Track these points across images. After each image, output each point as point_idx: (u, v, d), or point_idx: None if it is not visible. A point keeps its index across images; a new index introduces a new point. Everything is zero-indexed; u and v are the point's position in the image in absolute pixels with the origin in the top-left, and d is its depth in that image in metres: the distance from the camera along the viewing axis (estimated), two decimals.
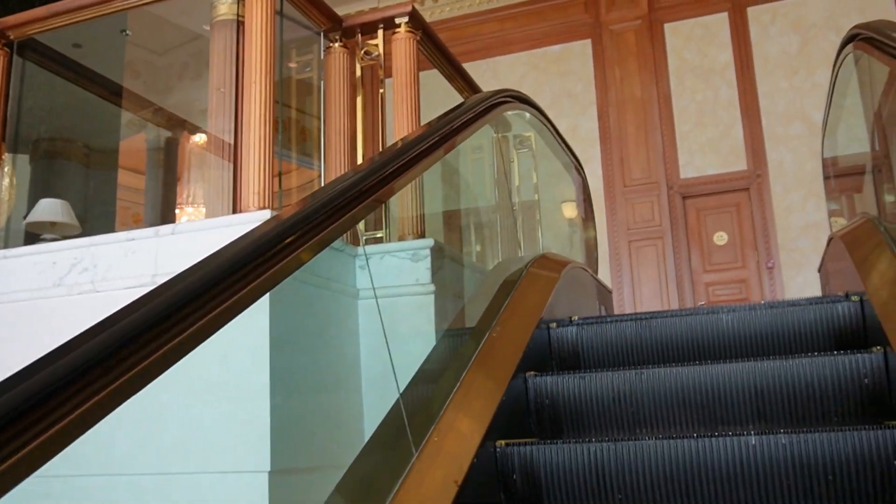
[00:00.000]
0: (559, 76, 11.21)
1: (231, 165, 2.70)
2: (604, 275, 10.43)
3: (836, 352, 2.30)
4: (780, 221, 9.94)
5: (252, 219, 2.36)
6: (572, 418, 2.52)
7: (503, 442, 2.26)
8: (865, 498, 1.98)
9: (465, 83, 3.81)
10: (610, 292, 4.41)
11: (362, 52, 3.19)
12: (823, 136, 4.28)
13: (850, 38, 3.00)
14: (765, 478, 2.06)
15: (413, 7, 3.11)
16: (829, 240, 3.37)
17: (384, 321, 2.83)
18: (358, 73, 3.22)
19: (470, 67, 11.65)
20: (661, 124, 10.55)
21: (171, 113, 7.01)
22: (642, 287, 10.29)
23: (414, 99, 3.09)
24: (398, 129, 3.08)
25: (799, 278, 9.76)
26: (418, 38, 3.21)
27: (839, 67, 3.51)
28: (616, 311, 10.25)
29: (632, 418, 2.47)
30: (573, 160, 4.41)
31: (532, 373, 2.55)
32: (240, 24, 2.72)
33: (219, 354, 2.25)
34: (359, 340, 2.83)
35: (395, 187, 2.38)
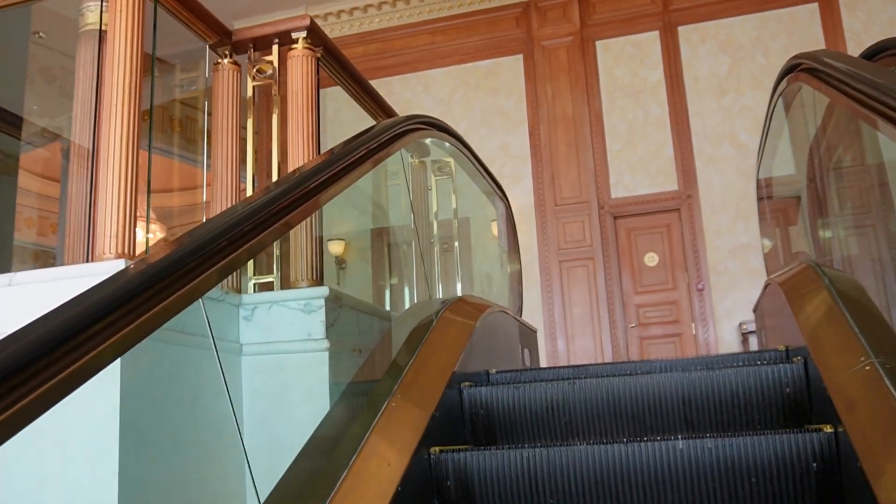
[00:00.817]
0: (490, 92, 10.97)
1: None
2: (534, 295, 10.20)
3: (783, 430, 2.04)
4: (710, 243, 9.87)
5: (101, 270, 1.98)
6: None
7: None
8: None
9: (375, 105, 3.47)
10: (534, 331, 4.12)
11: (255, 69, 2.82)
12: (760, 158, 4.08)
13: (791, 68, 2.78)
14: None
15: (311, 21, 2.77)
16: (767, 285, 3.14)
17: (271, 381, 2.46)
18: (249, 92, 2.86)
19: (400, 81, 11.39)
20: (592, 142, 10.40)
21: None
22: (573, 308, 10.09)
23: (312, 124, 2.74)
24: (293, 157, 2.73)
25: (728, 300, 9.69)
26: (318, 55, 2.87)
27: (778, 96, 3.28)
28: (546, 335, 10.03)
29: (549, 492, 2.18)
30: (496, 188, 4.10)
31: (437, 449, 2.22)
32: (103, 36, 2.32)
33: (56, 442, 1.86)
34: (242, 403, 2.45)
35: (282, 229, 2.03)
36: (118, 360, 1.64)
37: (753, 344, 9.37)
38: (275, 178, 2.74)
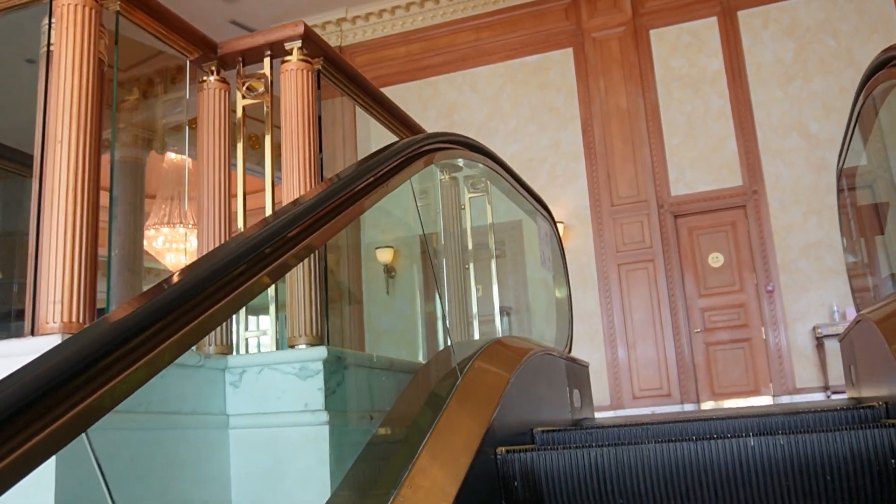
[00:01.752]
0: (539, 88, 10.48)
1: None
2: (591, 300, 9.70)
3: None
4: (779, 241, 9.22)
5: (31, 348, 1.62)
6: None
7: None
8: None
9: (393, 119, 3.06)
10: (586, 367, 3.66)
11: (244, 86, 2.45)
12: (842, 162, 3.54)
13: (883, 64, 2.29)
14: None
15: (306, 28, 2.37)
16: (858, 321, 2.65)
17: (264, 460, 2.08)
18: (239, 113, 2.48)
19: (445, 80, 10.98)
20: (649, 138, 9.83)
21: None
22: (633, 313, 9.55)
23: (310, 147, 2.34)
24: (288, 187, 2.34)
25: (801, 302, 9.04)
26: (319, 66, 2.48)
27: (866, 95, 2.77)
28: (606, 342, 9.52)
29: None
30: (538, 206, 3.65)
31: None
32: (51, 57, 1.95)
33: None
34: (229, 486, 2.07)
35: (259, 285, 1.64)
36: (51, 459, 1.28)
37: (829, 350, 8.71)
38: (269, 212, 2.35)
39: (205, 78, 2.48)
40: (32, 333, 1.79)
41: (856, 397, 3.04)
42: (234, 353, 2.44)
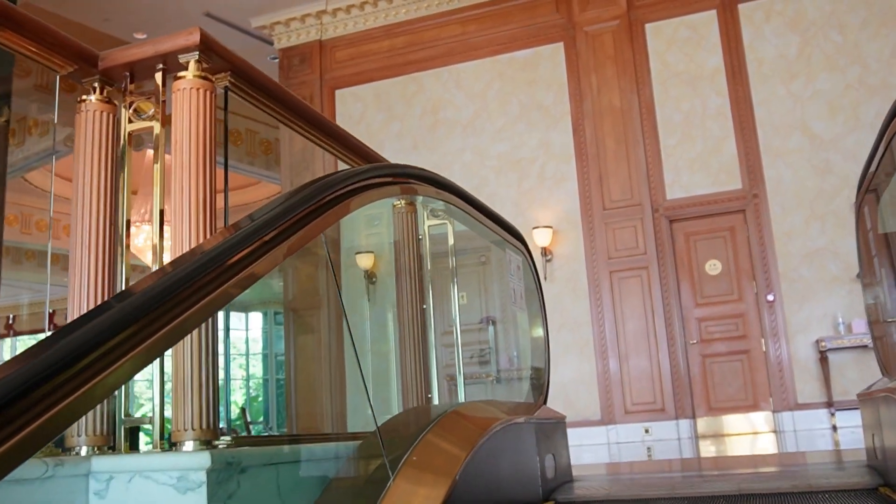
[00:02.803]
0: (528, 84, 9.96)
1: None
2: (582, 309, 9.21)
3: None
4: (780, 247, 8.73)
5: None
6: None
7: None
8: None
9: (332, 141, 2.54)
10: (562, 421, 3.17)
11: (131, 107, 1.94)
12: (863, 184, 3.04)
13: None
14: None
15: (203, 35, 1.85)
16: (886, 395, 2.17)
17: None
18: (123, 139, 1.97)
19: (430, 76, 10.44)
20: (643, 138, 9.32)
21: None
22: (626, 323, 9.06)
23: (205, 188, 1.84)
24: (176, 237, 1.83)
25: (803, 313, 8.55)
26: (225, 82, 1.97)
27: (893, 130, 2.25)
28: (597, 353, 9.03)
29: None
30: (508, 236, 3.13)
31: None
32: None
33: None
34: None
35: (123, 374, 1.15)
36: None
37: (834, 364, 8.24)
38: (169, 258, 1.85)
39: (83, 97, 1.96)
40: None
41: (880, 469, 2.56)
42: (117, 447, 1.93)
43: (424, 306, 2.92)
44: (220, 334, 1.85)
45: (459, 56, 10.31)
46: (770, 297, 8.66)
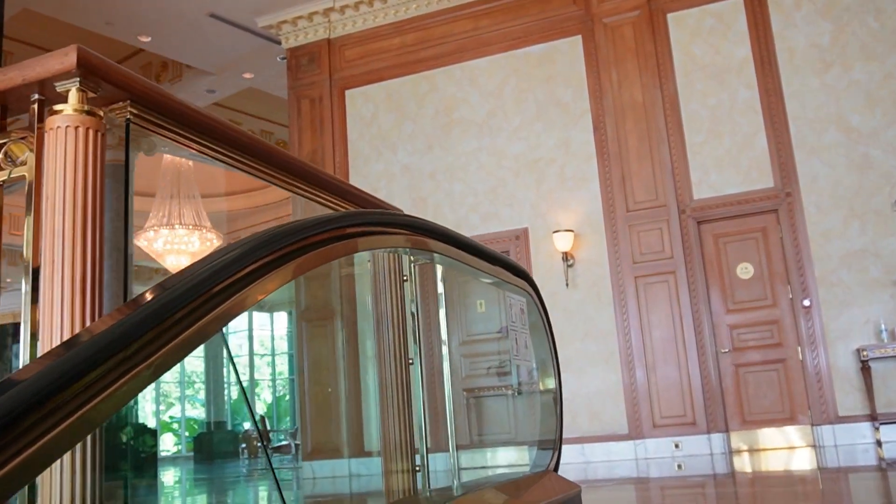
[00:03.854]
0: (545, 81, 9.47)
1: None
2: (606, 317, 8.75)
3: None
4: (817, 249, 8.18)
5: None
6: None
7: None
8: None
9: (281, 173, 2.08)
10: (577, 494, 2.71)
11: (1, 152, 1.52)
12: None
13: None
14: None
15: (82, 54, 1.40)
16: None
17: None
18: None
19: (443, 74, 9.99)
20: (668, 135, 8.81)
21: None
22: (653, 331, 8.58)
23: (90, 259, 1.42)
24: (46, 318, 1.41)
25: (842, 319, 8.01)
26: (126, 115, 1.54)
27: None
28: (623, 364, 8.56)
29: None
30: (512, 274, 2.67)
31: None
32: None
33: None
34: None
35: None
36: None
37: (877, 374, 7.70)
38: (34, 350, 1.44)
39: None
40: None
41: None
42: None
43: (410, 362, 2.49)
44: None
45: (472, 52, 9.85)
46: (806, 303, 8.13)
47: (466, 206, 9.54)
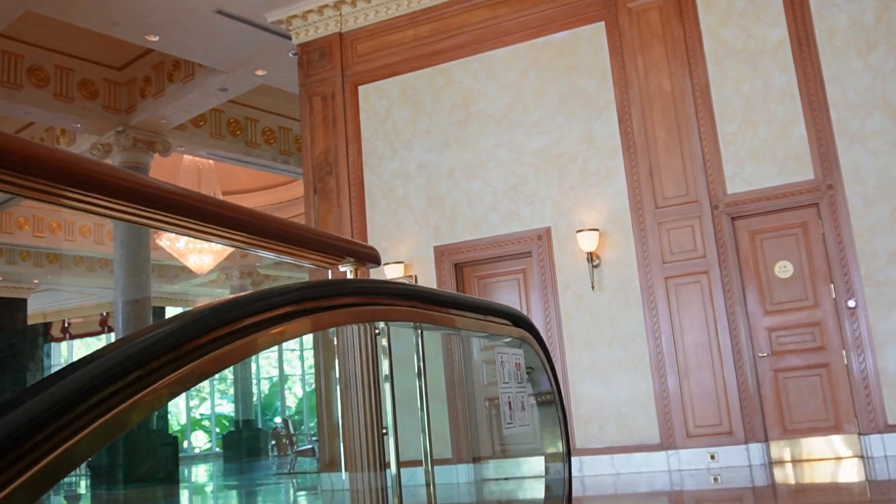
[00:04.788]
0: (567, 71, 8.96)
1: None
2: (635, 319, 8.26)
3: None
4: (862, 245, 7.59)
5: None
6: None
7: None
8: None
9: (167, 213, 1.53)
10: None
11: None
12: None
13: None
14: None
15: None
16: None
17: None
18: None
19: (459, 66, 9.51)
20: (699, 125, 8.27)
21: None
22: (685, 335, 8.06)
23: None
24: None
25: (891, 320, 7.43)
26: None
27: None
28: (654, 370, 8.07)
29: None
30: (510, 322, 2.20)
31: None
32: None
33: None
34: None
35: None
36: None
37: None
38: None
39: None
40: None
41: None
42: None
43: (384, 431, 2.06)
44: None
45: (490, 43, 9.36)
46: (851, 303, 7.55)
47: (485, 205, 9.09)
